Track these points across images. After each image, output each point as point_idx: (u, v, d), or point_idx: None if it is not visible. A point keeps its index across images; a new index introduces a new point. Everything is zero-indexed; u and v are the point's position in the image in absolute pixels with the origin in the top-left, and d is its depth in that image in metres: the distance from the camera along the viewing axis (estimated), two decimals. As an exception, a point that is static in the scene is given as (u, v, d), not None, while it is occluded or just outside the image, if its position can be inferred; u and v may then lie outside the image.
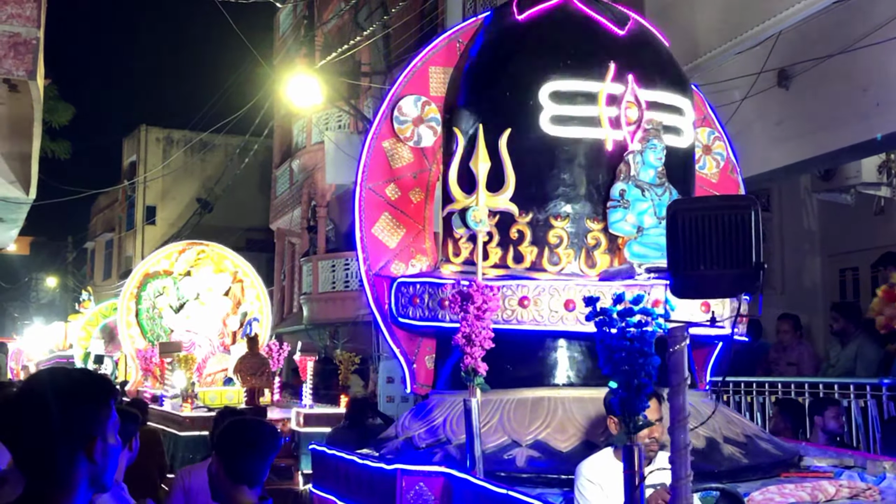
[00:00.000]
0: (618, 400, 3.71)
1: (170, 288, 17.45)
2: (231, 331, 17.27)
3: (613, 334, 3.64)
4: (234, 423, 3.80)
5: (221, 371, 15.97)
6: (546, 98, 6.02)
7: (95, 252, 46.86)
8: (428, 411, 6.08)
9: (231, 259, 17.94)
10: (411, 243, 6.53)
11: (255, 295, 17.67)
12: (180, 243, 18.40)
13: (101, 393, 2.29)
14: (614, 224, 5.87)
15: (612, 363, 3.66)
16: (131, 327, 17.47)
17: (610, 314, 3.66)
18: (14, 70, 9.72)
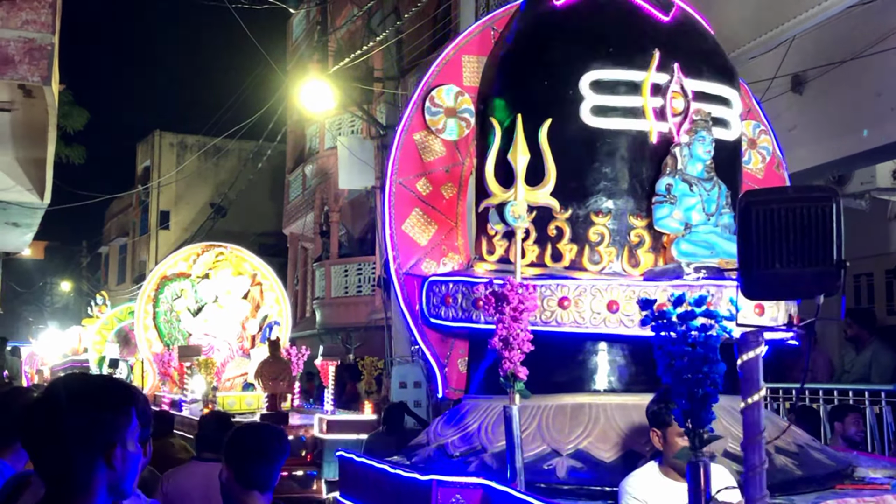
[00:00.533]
0: (679, 412, 3.38)
1: (188, 291, 17.04)
2: (250, 334, 16.86)
3: (673, 339, 3.33)
4: (243, 430, 3.83)
5: (241, 376, 15.54)
6: (587, 88, 5.70)
7: (109, 256, 46.85)
8: (461, 417, 5.76)
9: (250, 261, 17.52)
10: (443, 240, 6.21)
11: (275, 298, 17.22)
12: (198, 245, 17.94)
13: (121, 400, 2.28)
14: (660, 220, 5.54)
15: (672, 371, 3.35)
16: (148, 331, 17.05)
17: (669, 317, 3.34)
18: (29, 76, 9.60)
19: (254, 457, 3.58)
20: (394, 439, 8.30)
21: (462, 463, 5.35)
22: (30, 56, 9.76)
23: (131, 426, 2.25)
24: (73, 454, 2.16)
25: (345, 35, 24.18)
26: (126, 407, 2.26)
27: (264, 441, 3.64)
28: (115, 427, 2.22)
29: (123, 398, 2.28)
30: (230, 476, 3.56)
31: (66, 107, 17.51)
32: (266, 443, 3.63)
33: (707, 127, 5.58)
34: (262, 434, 3.72)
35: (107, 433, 2.20)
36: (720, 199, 5.59)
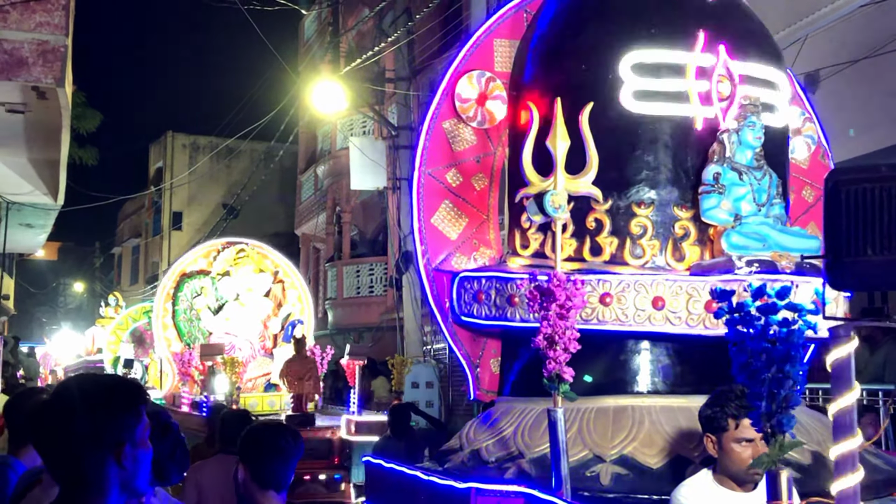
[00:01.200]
0: (757, 415, 3.06)
1: (208, 288, 16.56)
2: (272, 333, 16.39)
3: (751, 335, 3.00)
4: (259, 429, 3.86)
5: (263, 376, 15.15)
6: (627, 71, 5.36)
7: (122, 257, 46.79)
8: (495, 420, 5.44)
9: (272, 258, 17.05)
10: (474, 234, 5.90)
11: (297, 296, 16.78)
12: (218, 241, 17.53)
13: (129, 398, 2.29)
14: (707, 211, 5.20)
15: (748, 370, 3.02)
16: (167, 329, 16.55)
17: (748, 311, 3.01)
18: (43, 77, 9.47)
19: (271, 456, 3.59)
20: (403, 443, 7.99)
21: (498, 469, 5.04)
22: (43, 58, 9.66)
23: (141, 425, 2.27)
24: (83, 454, 2.18)
25: (356, 36, 24.07)
26: (135, 406, 2.28)
27: (280, 440, 3.65)
28: (124, 426, 2.23)
29: (132, 397, 2.29)
30: (247, 475, 3.56)
31: (79, 108, 17.37)
32: (282, 441, 3.64)
33: (757, 112, 5.24)
34: (278, 433, 3.73)
35: (115, 432, 2.21)
36: (771, 188, 5.25)
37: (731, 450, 3.77)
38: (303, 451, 3.80)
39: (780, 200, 5.35)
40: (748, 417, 3.61)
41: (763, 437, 3.08)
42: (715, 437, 3.88)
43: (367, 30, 23.38)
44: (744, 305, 3.03)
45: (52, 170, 15.03)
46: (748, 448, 3.67)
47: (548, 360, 4.20)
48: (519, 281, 5.25)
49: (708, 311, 4.90)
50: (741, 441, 3.69)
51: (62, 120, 11.99)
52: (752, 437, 3.68)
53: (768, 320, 2.98)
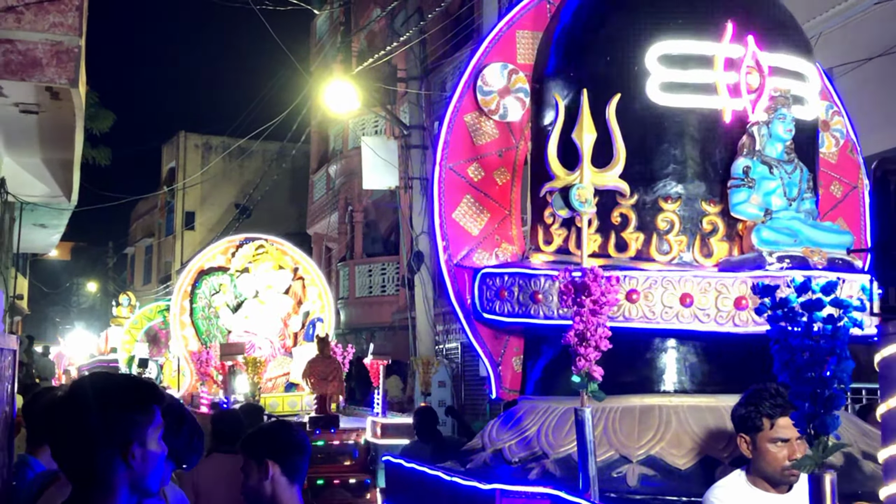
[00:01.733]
0: (799, 415, 2.93)
1: (227, 285, 16.01)
2: (292, 332, 15.87)
3: (795, 332, 2.88)
4: (281, 427, 3.86)
5: (283, 375, 14.65)
6: (654, 62, 5.24)
7: (135, 257, 46.85)
8: (518, 420, 5.32)
9: (291, 255, 16.51)
10: (496, 230, 5.78)
11: (318, 294, 16.21)
12: (236, 237, 16.88)
13: (139, 398, 2.27)
14: (737, 206, 5.07)
15: (791, 369, 2.89)
16: (185, 328, 16.03)
17: (791, 307, 2.89)
18: (56, 78, 9.44)
19: (299, 451, 3.65)
20: (430, 447, 7.70)
21: (521, 469, 4.93)
22: (57, 58, 9.65)
23: (152, 425, 2.26)
24: (92, 452, 2.18)
25: (368, 35, 24.04)
26: (145, 406, 2.26)
27: (305, 437, 3.74)
28: (133, 425, 2.22)
29: (142, 397, 2.28)
30: (277, 471, 3.56)
31: (93, 109, 17.31)
32: (306, 439, 3.73)
33: (787, 104, 5.12)
34: (300, 431, 3.82)
35: (124, 431, 2.20)
36: (802, 182, 5.13)
37: (766, 450, 3.64)
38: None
39: (811, 195, 5.22)
40: (784, 416, 3.50)
41: (806, 438, 2.95)
42: (749, 437, 3.75)
43: (378, 29, 23.34)
44: (787, 301, 2.91)
45: (66, 170, 15.03)
46: (783, 448, 3.55)
47: (578, 358, 4.08)
48: (543, 277, 5.13)
49: (738, 308, 4.79)
50: (776, 441, 3.57)
51: (76, 120, 11.97)
52: (788, 436, 3.56)
53: (812, 317, 2.86)
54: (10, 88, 11.00)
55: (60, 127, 12.61)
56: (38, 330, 38.44)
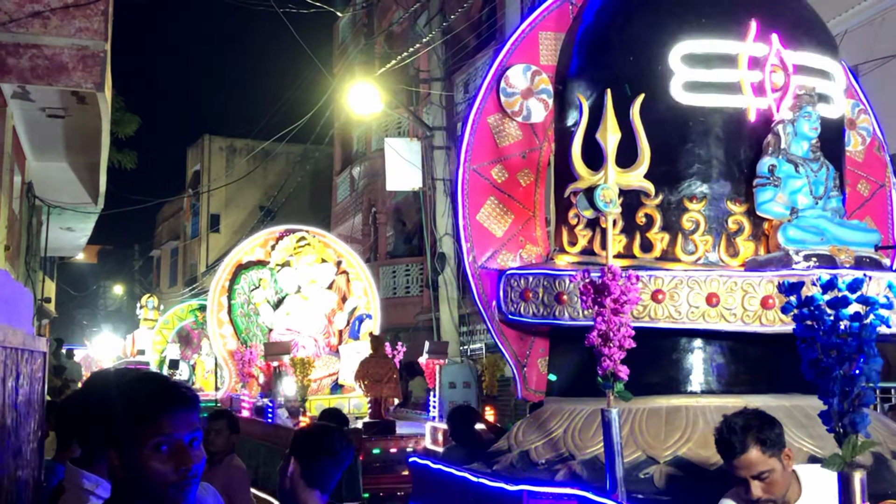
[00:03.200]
0: (828, 413, 2.92)
1: (267, 280, 14.83)
2: (337, 329, 14.75)
3: (822, 331, 2.86)
4: (316, 429, 3.87)
5: (329, 376, 13.77)
6: (677, 62, 5.22)
7: (161, 260, 47.17)
8: (544, 421, 5.32)
9: (334, 247, 15.37)
10: (520, 231, 5.77)
11: (363, 289, 15.13)
12: (276, 229, 15.58)
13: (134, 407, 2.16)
14: (763, 205, 5.05)
15: (818, 368, 2.88)
16: (223, 326, 14.79)
17: (818, 305, 2.87)
18: (83, 82, 9.53)
19: (323, 456, 3.57)
20: (465, 451, 7.16)
21: (548, 471, 4.92)
22: (83, 63, 9.73)
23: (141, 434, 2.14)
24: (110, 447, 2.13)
25: (390, 37, 24.10)
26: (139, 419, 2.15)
27: (335, 443, 3.62)
28: (116, 432, 2.14)
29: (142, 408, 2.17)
30: (296, 471, 3.54)
31: (118, 113, 17.40)
32: (337, 444, 3.62)
33: (813, 102, 5.08)
34: (333, 435, 3.70)
35: (107, 434, 2.15)
36: (828, 180, 5.09)
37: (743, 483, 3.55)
38: (352, 457, 3.77)
39: (838, 193, 5.19)
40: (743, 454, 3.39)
41: (835, 437, 2.94)
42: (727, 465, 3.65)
43: (400, 31, 23.39)
44: (813, 299, 2.90)
45: (93, 174, 15.15)
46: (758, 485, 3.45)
47: (602, 358, 4.07)
48: (567, 278, 5.13)
49: (764, 307, 4.76)
50: (747, 477, 3.46)
51: (102, 124, 12.08)
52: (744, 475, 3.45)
53: (839, 315, 2.85)
54: (36, 93, 11.12)
55: (86, 131, 12.74)
56: (66, 332, 38.73)
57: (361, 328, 14.45)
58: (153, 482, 2.13)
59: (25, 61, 9.38)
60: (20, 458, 3.28)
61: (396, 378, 11.30)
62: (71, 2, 9.63)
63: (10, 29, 9.37)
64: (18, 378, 3.24)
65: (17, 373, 3.22)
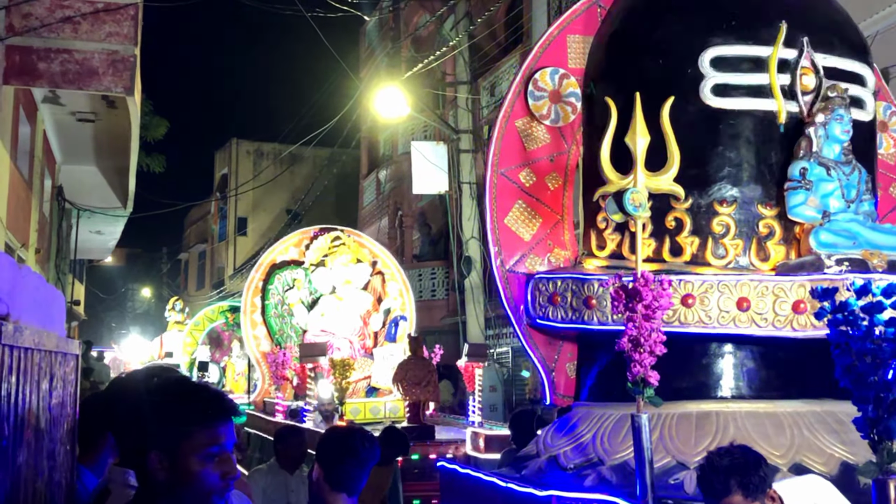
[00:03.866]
0: (863, 420, 2.88)
1: (301, 280, 14.28)
2: (373, 331, 14.22)
3: (856, 336, 2.83)
4: (336, 431, 3.89)
5: (364, 379, 13.28)
6: (707, 65, 5.20)
7: (189, 263, 47.45)
8: (573, 426, 5.30)
9: (369, 247, 14.86)
10: (548, 235, 5.76)
11: (399, 290, 14.61)
12: (310, 228, 15.07)
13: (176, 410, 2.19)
14: (794, 209, 5.01)
15: (853, 373, 2.85)
16: (256, 327, 14.30)
17: (852, 310, 2.84)
18: (112, 86, 9.61)
19: (345, 458, 3.56)
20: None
21: (577, 476, 4.90)
22: (113, 68, 9.81)
23: (188, 439, 2.17)
24: (138, 449, 2.15)
25: (416, 41, 24.15)
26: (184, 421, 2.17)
27: (356, 443, 3.62)
28: (158, 435, 2.15)
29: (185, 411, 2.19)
30: (320, 475, 3.55)
31: (147, 116, 17.52)
32: (358, 445, 3.61)
33: (844, 104, 5.04)
34: (354, 436, 3.69)
35: (145, 438, 2.15)
36: (860, 184, 5.05)
37: None
38: (378, 457, 3.74)
39: (870, 196, 5.14)
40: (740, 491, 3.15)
41: (869, 443, 2.90)
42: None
43: (427, 35, 23.43)
44: (847, 305, 2.87)
45: (122, 177, 15.27)
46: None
47: (632, 364, 4.05)
48: (596, 282, 5.11)
49: (796, 312, 4.72)
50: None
51: (131, 128, 12.17)
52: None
53: (873, 320, 2.82)
54: (67, 97, 11.25)
55: (116, 135, 12.85)
56: (95, 335, 39.08)
57: (398, 330, 14.09)
58: (199, 488, 2.15)
59: (56, 66, 9.47)
60: (54, 460, 3.30)
61: (436, 381, 10.92)
62: (101, 7, 9.71)
63: (41, 34, 9.46)
64: (52, 381, 3.26)
65: (50, 375, 3.24)
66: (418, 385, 10.59)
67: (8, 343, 2.61)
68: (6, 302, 2.69)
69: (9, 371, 2.65)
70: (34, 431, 3.00)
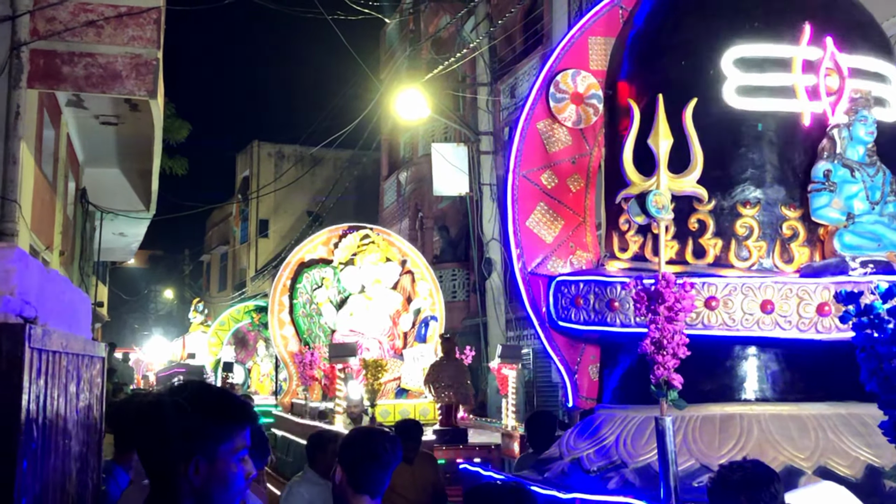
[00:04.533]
0: (890, 424, 2.86)
1: (330, 279, 13.99)
2: (402, 331, 13.91)
3: (882, 339, 2.81)
4: (357, 433, 3.78)
5: (394, 380, 12.97)
6: (730, 66, 5.18)
7: (211, 265, 47.65)
8: (595, 429, 5.29)
9: (399, 246, 14.58)
10: (570, 237, 5.76)
11: (429, 290, 14.25)
12: (339, 226, 14.80)
13: (220, 412, 2.22)
14: (818, 210, 4.98)
15: (879, 377, 2.83)
16: (284, 326, 14.00)
17: (877, 313, 2.83)
18: (136, 90, 9.65)
19: (367, 461, 3.50)
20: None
21: (600, 479, 4.88)
22: (136, 71, 9.85)
23: (228, 443, 2.20)
24: (163, 458, 2.16)
25: (437, 43, 24.18)
26: (223, 421, 2.21)
27: (377, 445, 3.54)
28: (202, 438, 2.17)
29: (225, 412, 2.23)
30: (343, 478, 3.49)
31: (169, 119, 17.58)
32: (379, 447, 3.54)
33: (868, 105, 5.01)
34: (375, 438, 3.63)
35: (191, 443, 2.16)
36: (885, 185, 5.01)
37: None
38: (400, 458, 3.68)
39: (895, 198, 5.10)
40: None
41: (896, 447, 2.89)
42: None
43: (447, 37, 23.45)
44: (872, 308, 2.85)
45: (145, 180, 15.35)
46: None
47: (655, 366, 4.04)
48: (619, 285, 5.10)
49: (820, 314, 4.70)
50: None
51: (154, 131, 12.23)
52: None
53: (901, 323, 2.80)
54: (90, 101, 11.31)
55: (139, 138, 12.92)
56: (118, 336, 39.35)
57: (428, 331, 13.80)
58: (231, 489, 2.21)
59: (80, 70, 9.52)
60: (81, 462, 3.33)
61: (468, 383, 10.56)
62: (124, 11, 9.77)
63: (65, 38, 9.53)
64: (79, 383, 3.29)
65: (77, 378, 3.28)
66: (451, 387, 10.30)
67: (36, 347, 2.64)
68: (34, 306, 2.72)
69: (37, 374, 2.68)
70: (62, 434, 3.03)
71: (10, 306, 2.56)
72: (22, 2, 8.16)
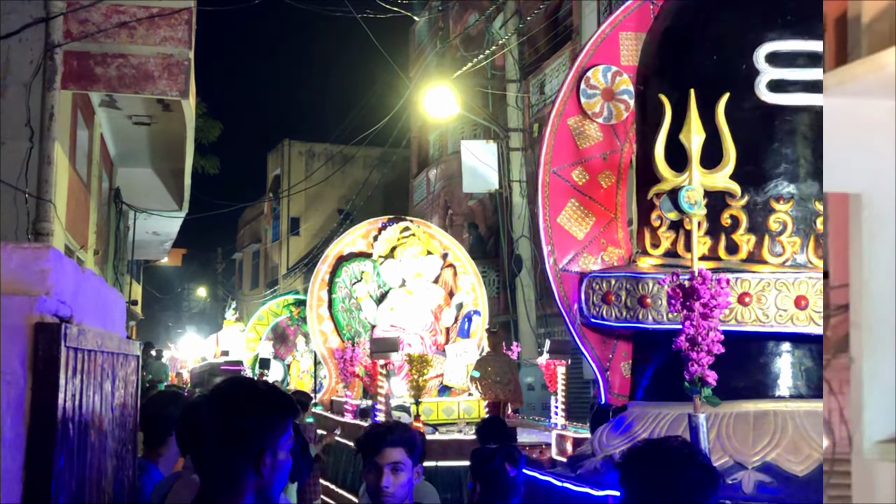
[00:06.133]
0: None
1: (369, 273, 13.61)
2: (444, 326, 13.41)
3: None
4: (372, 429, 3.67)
5: (436, 377, 12.42)
6: (762, 61, 5.14)
7: (243, 263, 47.99)
8: (628, 426, 5.26)
9: (440, 239, 14.12)
10: (602, 233, 5.73)
11: (471, 285, 13.82)
12: (378, 219, 14.39)
13: (278, 407, 2.30)
14: (853, 205, 4.92)
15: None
16: (323, 321, 13.60)
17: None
18: (168, 90, 9.73)
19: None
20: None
21: (633, 476, 4.86)
22: (168, 71, 9.94)
23: (285, 435, 2.28)
24: (228, 456, 2.21)
25: (467, 39, 24.18)
26: (282, 415, 2.29)
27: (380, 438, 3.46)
28: (270, 434, 2.25)
29: (281, 406, 2.31)
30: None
31: (201, 119, 17.71)
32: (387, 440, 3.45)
33: (905, 98, 4.93)
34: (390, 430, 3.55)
35: (261, 439, 2.23)
36: (921, 179, 4.93)
37: None
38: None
39: (931, 192, 5.03)
40: None
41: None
42: None
43: (476, 33, 23.45)
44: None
45: (177, 179, 15.48)
46: None
47: (690, 363, 4.02)
48: (651, 281, 5.07)
49: (856, 310, 4.63)
50: None
51: (186, 131, 12.34)
52: None
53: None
54: (123, 101, 11.43)
55: (171, 137, 13.05)
56: (152, 334, 39.77)
57: (471, 326, 13.36)
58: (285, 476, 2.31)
59: (113, 70, 9.62)
60: (117, 460, 3.37)
61: (517, 379, 10.13)
62: (156, 12, 9.85)
63: (97, 39, 9.62)
64: (114, 382, 3.33)
65: (112, 376, 3.31)
66: (499, 383, 9.87)
67: (72, 346, 2.67)
68: (70, 305, 2.75)
69: (73, 373, 2.71)
70: (98, 432, 3.06)
71: (45, 306, 2.60)
72: (55, 4, 8.26)
